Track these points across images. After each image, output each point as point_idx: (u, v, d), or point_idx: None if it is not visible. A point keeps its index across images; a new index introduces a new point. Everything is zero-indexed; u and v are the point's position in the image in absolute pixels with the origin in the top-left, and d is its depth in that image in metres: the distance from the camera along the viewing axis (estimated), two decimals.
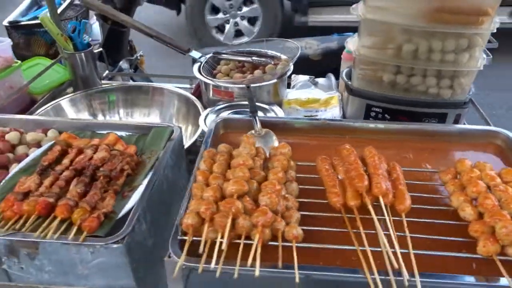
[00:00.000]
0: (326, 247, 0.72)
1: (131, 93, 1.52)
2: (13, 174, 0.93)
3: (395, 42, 1.27)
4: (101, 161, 0.94)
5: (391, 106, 1.34)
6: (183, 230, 0.73)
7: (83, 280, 0.80)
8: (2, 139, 1.03)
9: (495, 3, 1.14)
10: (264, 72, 1.49)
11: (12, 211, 0.81)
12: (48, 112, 1.42)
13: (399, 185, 0.81)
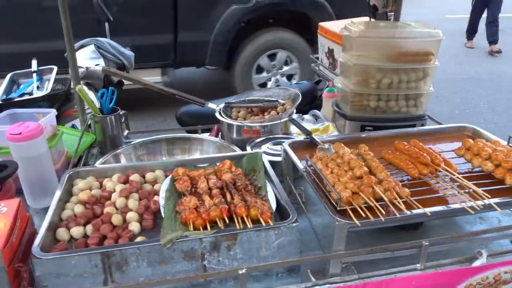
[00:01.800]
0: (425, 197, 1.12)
1: (173, 143, 1.75)
2: (164, 202, 1.14)
3: (375, 78, 1.80)
4: (231, 179, 1.21)
5: (377, 123, 1.84)
6: (340, 202, 1.06)
7: (262, 261, 1.05)
8: (131, 181, 1.22)
9: (437, 48, 1.75)
10: (278, 113, 1.88)
11: (202, 219, 1.04)
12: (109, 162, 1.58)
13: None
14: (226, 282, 1.07)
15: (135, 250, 0.97)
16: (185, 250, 1.00)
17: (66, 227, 1.06)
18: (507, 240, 1.27)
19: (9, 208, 1.03)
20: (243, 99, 2.04)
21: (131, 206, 1.13)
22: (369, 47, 1.78)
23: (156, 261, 0.99)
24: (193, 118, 2.52)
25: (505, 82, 6.17)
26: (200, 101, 1.93)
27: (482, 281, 1.14)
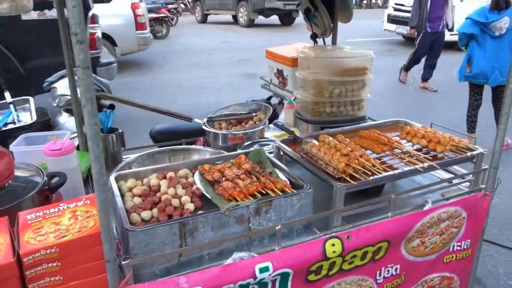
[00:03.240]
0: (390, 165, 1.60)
1: (175, 153, 2.05)
2: (204, 189, 1.47)
3: (328, 89, 2.30)
4: (250, 168, 1.58)
5: (333, 124, 2.33)
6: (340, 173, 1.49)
7: (286, 219, 1.43)
8: (170, 177, 1.53)
9: (370, 64, 2.31)
10: (255, 123, 2.28)
11: (243, 193, 1.39)
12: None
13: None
14: (263, 240, 1.42)
15: (203, 218, 1.29)
16: (236, 216, 1.34)
17: (135, 212, 1.34)
18: (439, 192, 1.81)
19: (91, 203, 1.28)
20: (221, 113, 2.41)
21: (180, 193, 1.44)
22: (322, 65, 2.29)
23: (216, 226, 1.32)
24: (165, 135, 2.80)
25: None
26: (188, 117, 2.26)
27: (430, 220, 1.63)
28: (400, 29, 11.11)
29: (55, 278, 1.12)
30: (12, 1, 1.78)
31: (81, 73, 0.95)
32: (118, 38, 7.98)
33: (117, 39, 7.97)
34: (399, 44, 11.86)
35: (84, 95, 0.97)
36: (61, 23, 1.89)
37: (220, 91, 7.33)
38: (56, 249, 1.09)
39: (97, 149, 1.03)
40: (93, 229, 1.15)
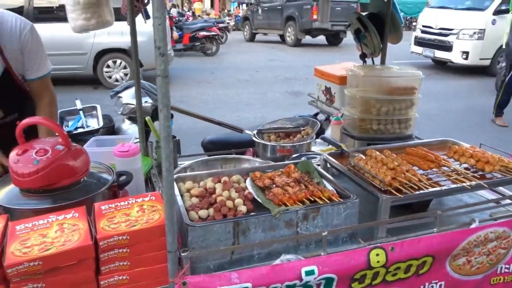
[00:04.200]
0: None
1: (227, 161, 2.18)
2: (255, 193, 1.58)
3: (375, 107, 2.36)
4: (299, 177, 1.67)
5: (379, 141, 2.38)
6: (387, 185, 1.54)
7: (333, 227, 1.50)
8: (224, 181, 1.65)
9: (419, 84, 2.35)
10: (302, 136, 2.37)
11: (292, 199, 1.48)
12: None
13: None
14: (310, 245, 1.50)
15: (255, 219, 1.39)
16: (286, 220, 1.43)
17: (193, 211, 1.46)
18: (486, 212, 1.80)
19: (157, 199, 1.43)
20: (270, 127, 2.53)
21: (233, 196, 1.55)
22: (370, 84, 2.35)
23: (267, 228, 1.41)
24: (215, 145, 2.95)
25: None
26: (239, 128, 2.40)
27: (477, 238, 1.64)
28: (427, 52, 10.69)
29: (124, 263, 1.26)
30: (99, 17, 2.01)
31: (160, 81, 1.10)
32: (140, 54, 8.37)
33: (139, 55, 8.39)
34: (428, 67, 11.21)
35: (162, 101, 1.12)
36: (132, 37, 2.09)
37: (266, 107, 7.50)
38: (127, 237, 1.23)
39: (168, 149, 1.16)
40: (158, 221, 1.28)
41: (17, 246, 1.16)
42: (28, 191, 1.44)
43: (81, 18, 2.07)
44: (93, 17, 2.07)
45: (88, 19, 2.07)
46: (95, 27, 2.11)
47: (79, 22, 2.09)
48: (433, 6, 11.31)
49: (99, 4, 2.08)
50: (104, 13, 2.10)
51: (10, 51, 1.91)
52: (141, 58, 8.09)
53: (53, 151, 1.43)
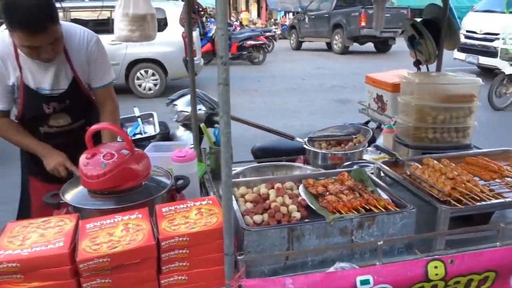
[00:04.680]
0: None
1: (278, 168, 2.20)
2: (309, 200, 1.58)
3: (431, 115, 2.29)
4: (353, 185, 1.66)
5: (435, 151, 2.30)
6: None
7: (388, 236, 1.47)
8: (277, 187, 1.67)
9: (478, 91, 2.26)
10: (354, 144, 2.35)
11: (347, 207, 1.47)
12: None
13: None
14: (364, 253, 1.48)
15: (310, 226, 1.40)
16: (340, 227, 1.43)
17: (248, 215, 1.50)
18: None
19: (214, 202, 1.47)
20: (321, 134, 2.53)
21: (287, 202, 1.57)
22: (426, 91, 2.29)
23: (321, 235, 1.42)
24: (265, 152, 2.98)
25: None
26: (290, 136, 2.42)
27: None
28: (471, 58, 10.08)
29: (183, 263, 1.31)
30: (143, 31, 2.13)
31: (222, 89, 1.15)
32: (168, 64, 8.71)
33: (167, 65, 8.71)
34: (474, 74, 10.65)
35: (222, 108, 1.16)
36: (189, 47, 2.18)
37: (313, 115, 7.47)
38: (186, 238, 1.28)
39: (227, 154, 1.21)
40: (216, 224, 1.32)
41: (87, 243, 1.24)
42: (95, 192, 1.54)
43: (126, 29, 2.20)
44: (138, 30, 2.19)
45: (133, 31, 2.20)
46: (138, 39, 2.23)
47: (124, 32, 2.22)
48: (478, 10, 10.76)
49: (145, 19, 2.20)
50: (148, 27, 2.22)
51: (78, 62, 2.05)
52: (168, 67, 8.51)
53: (119, 155, 1.52)
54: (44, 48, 1.83)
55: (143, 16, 2.03)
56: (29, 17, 1.71)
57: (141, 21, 2.04)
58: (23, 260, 1.17)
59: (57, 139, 2.14)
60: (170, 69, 8.86)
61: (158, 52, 8.33)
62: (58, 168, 2.02)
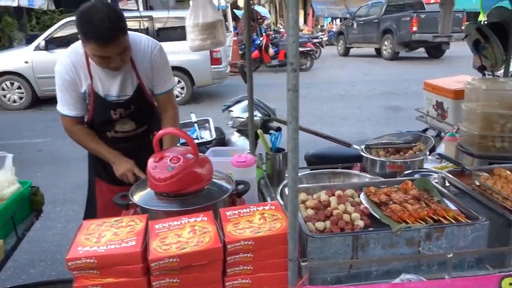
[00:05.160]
0: None
1: (335, 175, 2.18)
2: (371, 209, 1.55)
3: (499, 123, 2.18)
4: (417, 194, 1.61)
5: (504, 160, 2.18)
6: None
7: (458, 249, 1.41)
8: (338, 194, 1.65)
9: None
10: (415, 152, 2.28)
11: (413, 217, 1.43)
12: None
13: None
14: (432, 266, 1.42)
15: (375, 234, 1.37)
16: (407, 238, 1.38)
17: (310, 222, 1.49)
18: None
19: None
20: (378, 142, 2.47)
21: (349, 210, 1.55)
22: (493, 98, 2.19)
23: (387, 245, 1.38)
24: (319, 159, 2.96)
25: None
26: (346, 143, 2.39)
27: None
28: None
29: (247, 267, 1.33)
30: (213, 38, 2.19)
31: (291, 95, 1.16)
32: (194, 72, 8.86)
33: (193, 72, 8.86)
34: None
35: (291, 114, 1.17)
36: (248, 53, 2.22)
37: (363, 122, 7.32)
38: (251, 242, 1.30)
39: (294, 160, 1.21)
40: (281, 229, 1.33)
41: (157, 243, 1.29)
42: (161, 195, 1.60)
43: (198, 39, 2.27)
44: (209, 38, 2.26)
45: (204, 39, 2.26)
46: (210, 47, 2.29)
47: (196, 42, 2.29)
48: None
49: (215, 26, 2.26)
50: (218, 34, 2.28)
51: (143, 69, 2.15)
52: (195, 76, 8.71)
53: (185, 159, 1.57)
54: (114, 58, 1.93)
55: (212, 24, 2.10)
56: (101, 29, 1.81)
57: (211, 29, 2.11)
58: (100, 256, 1.24)
59: (122, 143, 2.25)
60: (197, 77, 9.07)
61: (185, 60, 8.50)
62: (126, 174, 2.11)
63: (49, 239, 3.69)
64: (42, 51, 8.64)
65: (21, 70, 8.67)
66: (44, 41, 8.67)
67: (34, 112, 8.84)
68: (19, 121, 8.13)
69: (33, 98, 8.94)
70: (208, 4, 2.32)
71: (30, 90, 8.83)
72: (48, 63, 8.48)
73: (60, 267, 3.36)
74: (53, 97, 8.06)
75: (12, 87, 8.82)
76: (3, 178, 1.71)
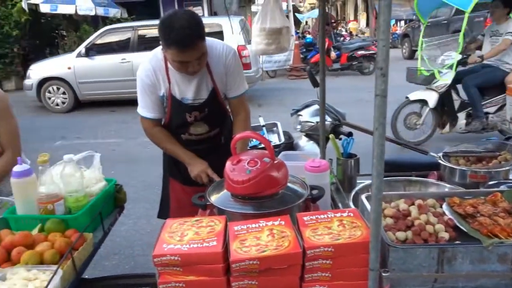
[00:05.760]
0: None
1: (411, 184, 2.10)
2: (456, 221, 1.47)
3: None
4: (508, 207, 1.49)
5: None
6: None
7: None
8: (419, 204, 1.59)
9: None
10: (499, 162, 2.13)
11: (506, 231, 1.33)
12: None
13: None
14: None
15: (463, 248, 1.30)
16: (499, 253, 1.29)
17: (390, 231, 1.44)
18: None
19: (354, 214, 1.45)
20: (457, 149, 2.34)
21: (432, 220, 1.48)
22: None
23: (476, 260, 1.30)
24: (390, 166, 2.85)
25: None
26: (424, 150, 2.29)
27: None
28: None
29: (325, 274, 1.31)
30: (278, 43, 2.21)
31: (379, 100, 1.13)
32: None
33: None
34: None
35: (378, 120, 1.14)
36: (321, 56, 2.20)
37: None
38: (331, 249, 1.28)
39: (379, 167, 1.18)
40: (361, 237, 1.30)
41: (238, 244, 1.32)
42: (237, 197, 1.63)
43: (263, 43, 2.30)
44: (274, 43, 2.28)
45: (269, 44, 2.29)
46: (274, 52, 2.31)
47: (261, 46, 2.32)
48: None
49: (281, 32, 2.28)
50: (283, 40, 2.30)
51: (217, 73, 2.21)
52: None
53: (262, 163, 1.59)
54: (192, 62, 2.00)
55: (279, 30, 2.13)
56: (182, 35, 1.89)
57: (277, 35, 2.14)
58: (183, 254, 1.28)
59: (195, 145, 2.33)
60: None
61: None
62: (201, 175, 2.18)
63: (122, 234, 3.90)
64: (83, 58, 9.31)
65: (65, 76, 9.28)
66: (85, 48, 9.34)
67: (80, 114, 9.50)
68: (73, 122, 8.78)
69: (75, 102, 9.54)
70: (277, 10, 2.34)
71: (72, 94, 9.43)
72: (88, 68, 9.32)
73: (132, 262, 3.55)
74: (95, 101, 8.57)
75: (58, 91, 9.50)
76: (92, 175, 1.83)
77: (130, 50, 9.22)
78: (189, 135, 2.32)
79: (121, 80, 9.04)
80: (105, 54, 9.33)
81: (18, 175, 1.60)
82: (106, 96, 9.52)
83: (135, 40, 9.35)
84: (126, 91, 8.89)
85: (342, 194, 2.07)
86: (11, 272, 1.33)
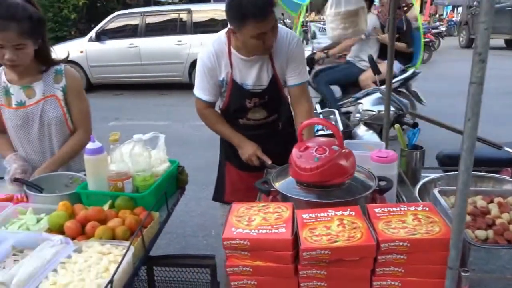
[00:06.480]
0: None
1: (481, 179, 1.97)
2: None
3: None
4: None
5: None
6: None
7: None
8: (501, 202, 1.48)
9: None
10: None
11: None
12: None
13: None
14: None
15: None
16: None
17: (469, 229, 1.36)
18: None
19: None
20: None
21: None
22: None
23: None
24: (454, 160, 2.71)
25: None
26: (498, 145, 2.14)
27: None
28: None
29: (398, 269, 1.25)
30: (355, 26, 2.12)
31: (475, 88, 1.04)
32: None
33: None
34: None
35: (472, 109, 1.06)
36: (391, 42, 2.09)
37: (488, 123, 6.57)
38: (407, 244, 1.22)
39: (469, 161, 1.10)
40: (440, 234, 1.23)
41: (307, 233, 1.28)
42: (302, 184, 1.60)
43: (340, 28, 2.21)
44: (351, 26, 2.18)
45: (346, 28, 2.19)
46: (351, 35, 2.22)
47: (337, 31, 2.23)
48: None
49: (357, 14, 2.17)
50: (360, 22, 2.19)
51: (279, 60, 2.17)
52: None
53: (330, 151, 1.54)
54: (268, 34, 1.95)
55: (355, 12, 2.04)
56: (258, 4, 1.84)
57: (353, 17, 2.05)
58: (252, 239, 1.27)
59: (252, 131, 2.32)
60: None
61: None
62: (251, 158, 2.18)
63: (174, 214, 4.00)
64: (95, 42, 9.58)
65: (77, 59, 9.47)
66: (96, 33, 9.57)
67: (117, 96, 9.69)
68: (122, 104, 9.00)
69: (87, 85, 9.62)
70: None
71: (85, 77, 9.60)
72: (99, 52, 9.59)
73: (183, 242, 3.64)
74: (106, 84, 8.70)
75: None
76: (157, 156, 1.87)
77: (138, 36, 9.46)
78: (247, 120, 2.31)
79: (128, 65, 9.33)
80: (115, 39, 9.62)
81: (91, 152, 1.65)
82: (116, 80, 9.81)
83: (143, 26, 9.52)
84: (133, 75, 9.22)
85: (408, 187, 1.98)
86: (86, 245, 1.38)
